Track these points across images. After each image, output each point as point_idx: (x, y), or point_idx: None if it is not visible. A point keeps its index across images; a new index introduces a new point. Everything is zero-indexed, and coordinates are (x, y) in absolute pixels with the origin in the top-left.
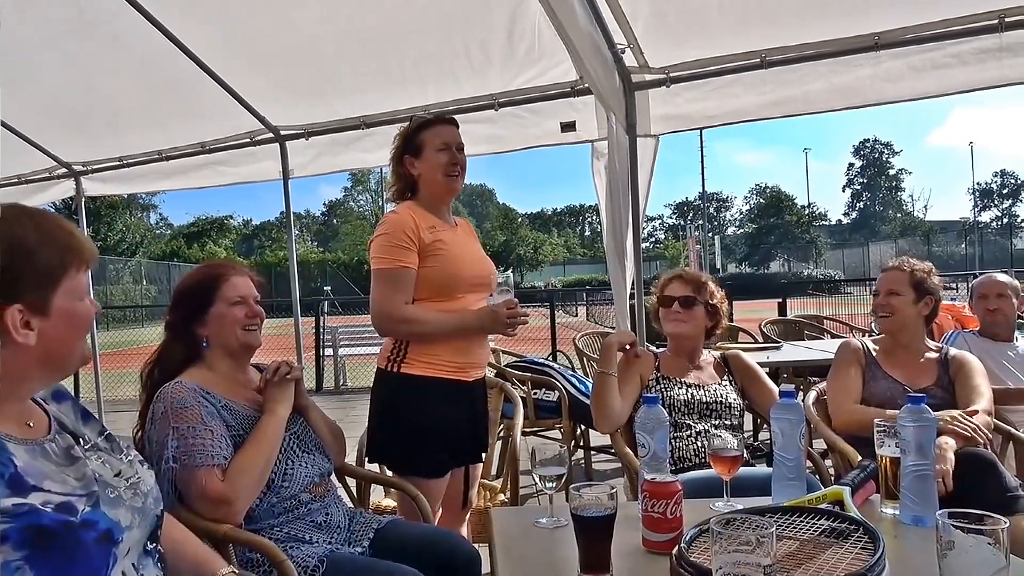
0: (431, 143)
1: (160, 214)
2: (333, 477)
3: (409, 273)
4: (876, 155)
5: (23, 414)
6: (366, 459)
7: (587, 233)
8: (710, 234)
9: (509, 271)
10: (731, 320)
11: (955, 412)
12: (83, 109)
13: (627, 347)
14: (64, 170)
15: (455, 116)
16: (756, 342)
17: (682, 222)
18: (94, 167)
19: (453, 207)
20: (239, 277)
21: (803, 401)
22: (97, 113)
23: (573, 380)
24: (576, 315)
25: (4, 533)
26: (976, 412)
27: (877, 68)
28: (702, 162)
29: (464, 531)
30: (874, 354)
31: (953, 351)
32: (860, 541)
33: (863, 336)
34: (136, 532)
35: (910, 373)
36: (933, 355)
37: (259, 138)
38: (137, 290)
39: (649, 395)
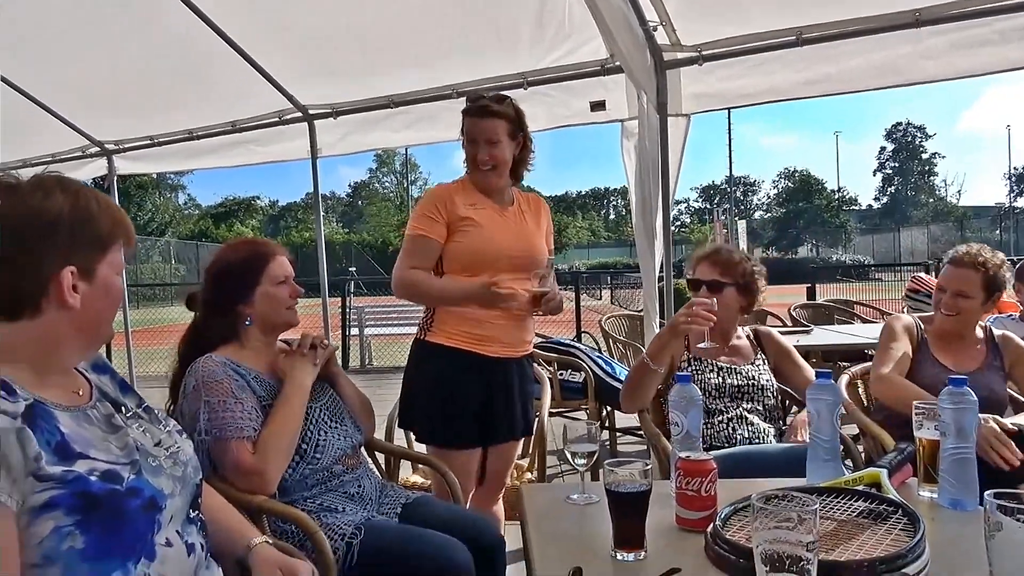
0: (465, 132)
1: (188, 194)
2: (363, 450)
3: (427, 241)
4: (908, 139)
5: (69, 383)
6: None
7: (611, 216)
8: (736, 218)
9: (552, 256)
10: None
11: (993, 425)
12: (115, 88)
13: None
14: (96, 149)
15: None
16: (785, 326)
17: (708, 206)
18: (126, 146)
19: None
20: (282, 256)
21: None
22: (129, 92)
23: (599, 361)
24: (600, 298)
25: (55, 499)
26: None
27: (917, 45)
28: (729, 144)
29: (499, 510)
30: (925, 335)
31: (999, 332)
32: (899, 523)
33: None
34: (178, 500)
35: (959, 359)
36: (980, 337)
37: (288, 117)
38: (166, 269)
39: (682, 373)
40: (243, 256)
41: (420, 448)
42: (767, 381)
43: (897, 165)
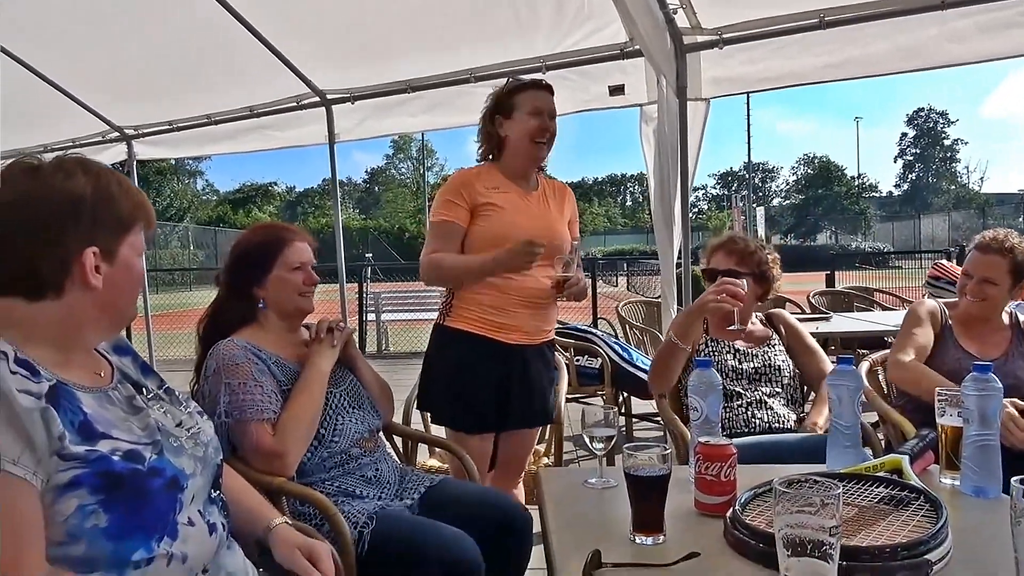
0: (524, 106)
1: (207, 180)
2: (382, 434)
3: (450, 226)
4: (930, 125)
5: (91, 364)
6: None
7: (628, 203)
8: (755, 205)
9: (575, 241)
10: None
11: (1012, 409)
12: (135, 73)
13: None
14: (116, 134)
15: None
16: (804, 314)
17: (726, 192)
18: (145, 131)
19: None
20: (300, 242)
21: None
22: (148, 77)
23: (616, 347)
24: (616, 285)
25: (79, 478)
26: None
27: (943, 28)
28: (748, 130)
29: (519, 494)
30: (950, 321)
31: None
32: (921, 509)
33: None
34: (199, 480)
35: (983, 346)
36: (1006, 323)
37: (305, 102)
38: (185, 254)
39: (701, 358)
40: (260, 240)
41: (438, 432)
42: (783, 362)
43: (918, 151)
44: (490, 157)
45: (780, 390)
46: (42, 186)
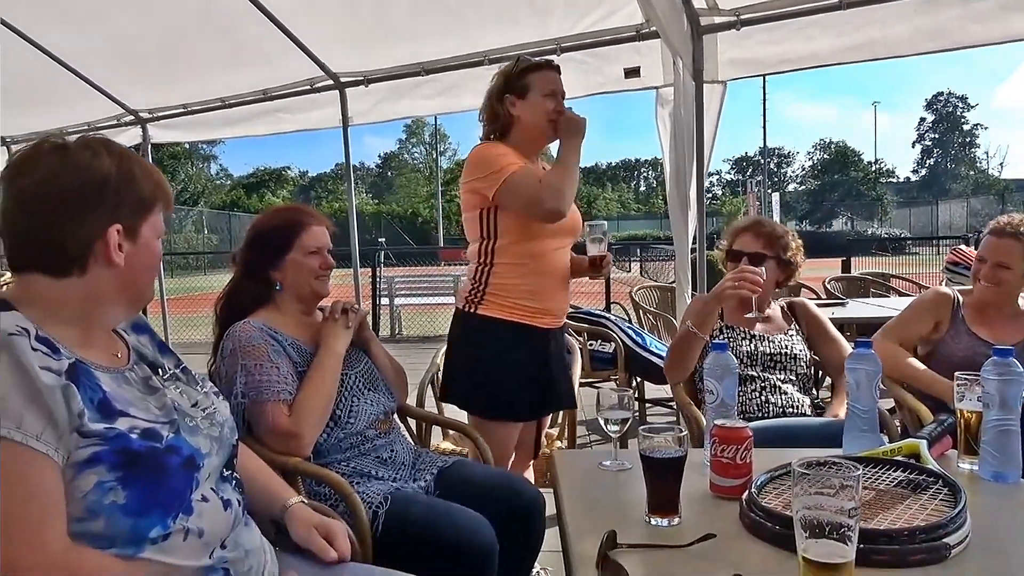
0: (539, 87)
1: (220, 165)
2: (396, 417)
3: (525, 168)
4: (949, 109)
5: (109, 346)
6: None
7: (642, 188)
8: (769, 190)
9: (605, 222)
10: None
11: None
12: (148, 56)
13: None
14: (131, 117)
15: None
16: (820, 299)
17: (741, 177)
18: (159, 114)
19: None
20: (318, 227)
21: None
22: (162, 60)
23: (630, 332)
24: (629, 271)
25: (98, 455)
26: None
27: (965, 8)
28: (764, 114)
29: (529, 475)
30: (962, 309)
31: None
32: (939, 493)
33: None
34: (215, 459)
35: (998, 331)
36: (1022, 309)
37: (319, 85)
38: (199, 238)
39: (717, 342)
40: (278, 223)
41: (451, 415)
42: (800, 351)
43: (937, 136)
44: (491, 136)
45: (794, 377)
46: (69, 164)
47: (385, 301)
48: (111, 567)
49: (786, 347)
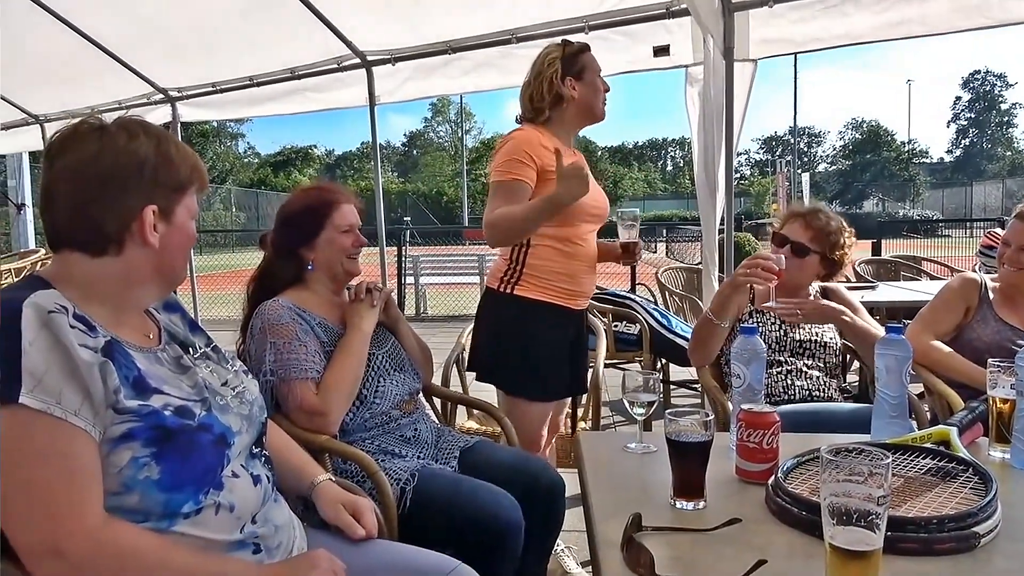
0: (593, 68)
1: (248, 143)
2: (421, 396)
3: (521, 185)
4: (987, 88)
5: (141, 326)
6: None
7: (668, 168)
8: (799, 170)
9: (636, 208)
10: None
11: None
12: (178, 34)
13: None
14: (161, 96)
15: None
16: (849, 282)
17: (770, 157)
18: (189, 93)
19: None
20: (348, 205)
21: None
22: (191, 39)
23: (655, 313)
24: (655, 251)
25: (133, 431)
26: None
27: None
28: (795, 92)
29: (548, 455)
30: (990, 295)
31: None
32: (969, 482)
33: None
34: (245, 437)
35: None
36: None
37: (346, 64)
38: (227, 216)
39: (746, 326)
40: (310, 202)
41: (476, 394)
42: (831, 339)
43: (973, 116)
44: (529, 119)
45: (822, 364)
46: (108, 145)
47: (410, 280)
48: (146, 541)
49: (816, 334)
